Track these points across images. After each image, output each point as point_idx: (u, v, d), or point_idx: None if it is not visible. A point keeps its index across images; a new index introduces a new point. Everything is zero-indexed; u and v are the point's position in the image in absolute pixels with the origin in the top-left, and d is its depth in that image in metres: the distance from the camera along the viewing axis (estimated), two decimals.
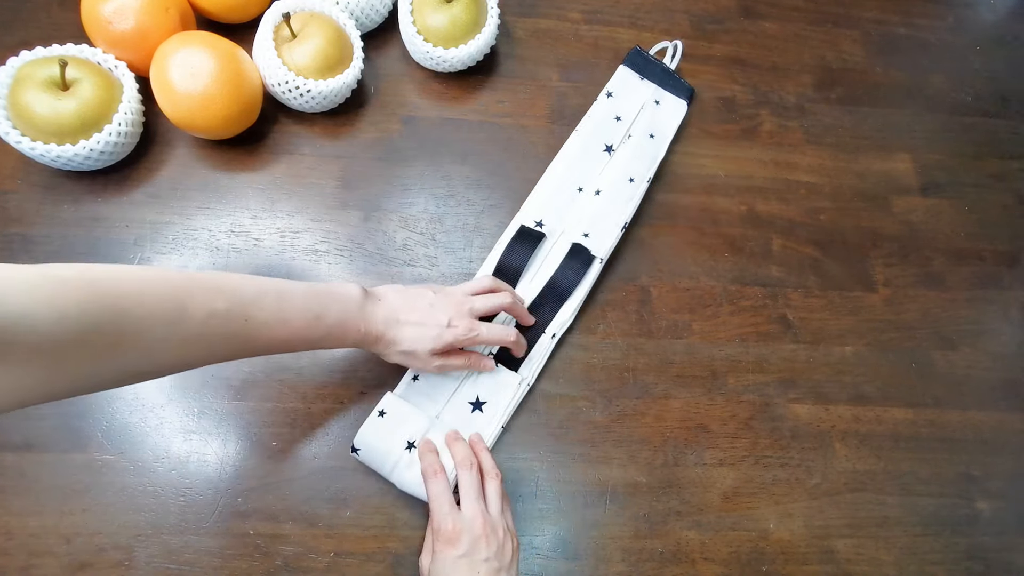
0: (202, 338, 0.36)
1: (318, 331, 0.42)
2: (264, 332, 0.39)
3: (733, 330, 0.59)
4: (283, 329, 0.40)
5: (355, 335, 0.44)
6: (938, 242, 0.66)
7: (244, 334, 0.38)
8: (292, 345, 0.42)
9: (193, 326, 0.35)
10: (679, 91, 0.66)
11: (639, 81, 0.66)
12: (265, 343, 0.40)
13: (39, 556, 0.45)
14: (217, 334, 0.37)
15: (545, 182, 0.60)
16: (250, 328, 0.38)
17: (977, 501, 0.56)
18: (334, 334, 0.43)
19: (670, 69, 0.66)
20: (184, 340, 0.35)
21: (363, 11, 0.61)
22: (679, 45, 0.67)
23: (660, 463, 0.54)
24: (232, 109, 0.54)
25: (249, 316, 0.38)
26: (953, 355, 0.61)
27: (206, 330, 0.36)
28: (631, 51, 0.66)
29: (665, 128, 0.64)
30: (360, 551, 0.48)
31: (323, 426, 0.51)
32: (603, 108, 0.64)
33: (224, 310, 0.37)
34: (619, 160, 0.61)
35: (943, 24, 0.78)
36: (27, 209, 0.54)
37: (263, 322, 0.39)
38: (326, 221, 0.57)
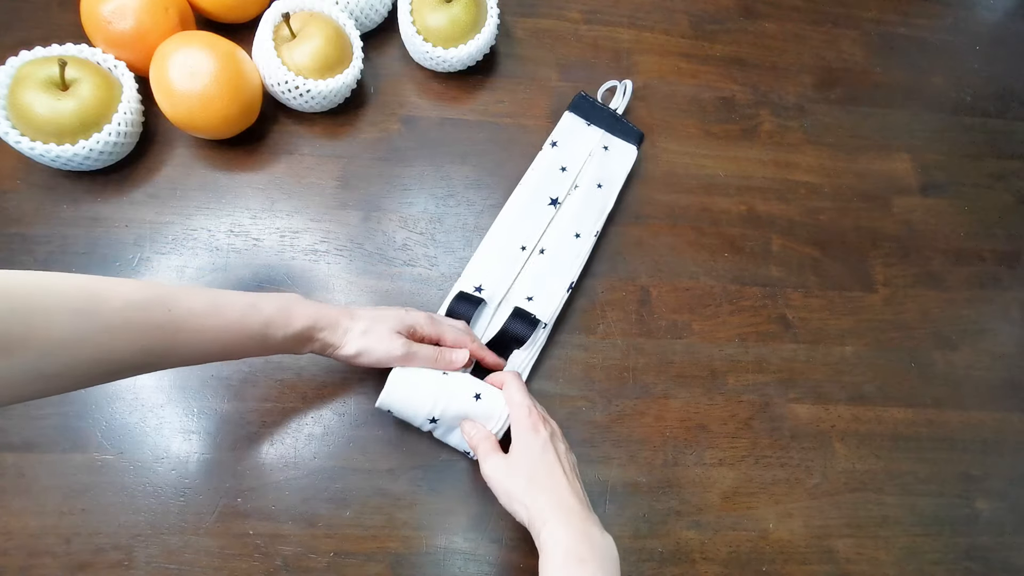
0: (120, 331, 0.33)
1: (256, 318, 0.39)
2: (193, 322, 0.37)
3: (733, 330, 0.59)
4: (215, 319, 0.38)
5: (302, 319, 0.42)
6: (938, 242, 0.66)
7: (170, 325, 0.36)
8: (230, 338, 0.39)
9: (108, 316, 0.33)
10: (628, 136, 0.62)
11: (586, 127, 0.62)
12: (196, 335, 0.37)
13: (39, 556, 0.45)
14: (137, 325, 0.34)
15: (487, 243, 0.57)
16: (176, 318, 0.36)
17: (976, 501, 0.56)
18: (276, 322, 0.40)
19: (618, 114, 0.63)
20: (100, 332, 0.33)
21: (363, 11, 0.61)
22: (628, 85, 0.63)
23: (660, 463, 0.54)
24: (232, 109, 0.54)
25: (173, 305, 0.36)
26: (953, 355, 0.61)
27: (123, 321, 0.33)
28: (576, 96, 0.63)
29: (614, 176, 0.60)
30: (360, 551, 0.48)
31: (323, 426, 0.51)
32: (548, 158, 0.60)
33: (144, 299, 0.35)
34: (565, 214, 0.58)
35: (943, 24, 0.78)
36: (27, 209, 0.54)
37: (190, 310, 0.37)
38: (326, 221, 0.57)
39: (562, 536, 0.38)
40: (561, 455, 0.43)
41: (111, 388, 0.50)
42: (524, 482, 0.41)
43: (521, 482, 0.41)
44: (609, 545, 0.39)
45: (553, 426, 0.46)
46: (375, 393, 0.52)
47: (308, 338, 0.43)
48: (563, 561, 0.37)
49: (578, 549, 0.38)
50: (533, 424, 0.44)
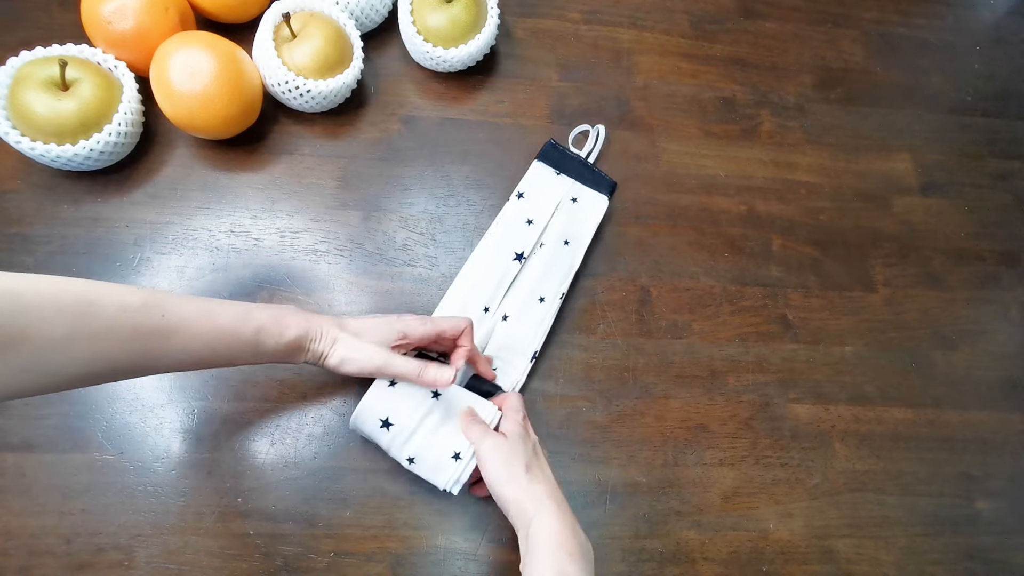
0: (113, 332, 0.34)
1: (249, 325, 0.40)
2: (187, 327, 0.37)
3: (733, 330, 0.59)
4: (209, 324, 0.38)
5: (295, 327, 0.42)
6: (938, 242, 0.66)
7: (164, 329, 0.36)
8: (223, 344, 0.39)
9: (102, 319, 0.33)
10: (600, 186, 0.60)
11: (555, 177, 0.59)
12: (189, 340, 0.38)
13: (39, 556, 0.45)
14: (130, 328, 0.35)
15: (449, 299, 0.54)
16: (170, 322, 0.36)
17: (977, 501, 0.56)
18: (269, 330, 0.41)
19: (589, 163, 0.61)
20: (94, 335, 0.33)
21: (363, 11, 0.61)
22: (601, 130, 0.62)
23: (660, 463, 0.54)
24: (232, 109, 0.54)
25: (167, 310, 0.36)
26: (953, 355, 0.61)
27: (117, 323, 0.34)
28: (545, 145, 0.61)
29: (582, 232, 0.58)
30: (360, 551, 0.48)
31: (323, 426, 0.51)
32: (513, 211, 0.58)
33: (138, 302, 0.35)
34: (530, 273, 0.55)
35: (943, 24, 0.78)
36: (27, 209, 0.54)
37: (184, 315, 0.37)
38: (326, 221, 0.57)
39: (556, 527, 0.40)
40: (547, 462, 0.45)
41: (111, 388, 0.50)
42: (523, 467, 0.42)
43: (521, 467, 0.42)
44: (590, 548, 0.41)
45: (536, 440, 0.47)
46: None
47: (300, 347, 0.43)
48: (553, 552, 0.39)
49: (568, 543, 0.39)
50: (525, 427, 0.46)
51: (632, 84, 0.68)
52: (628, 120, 0.66)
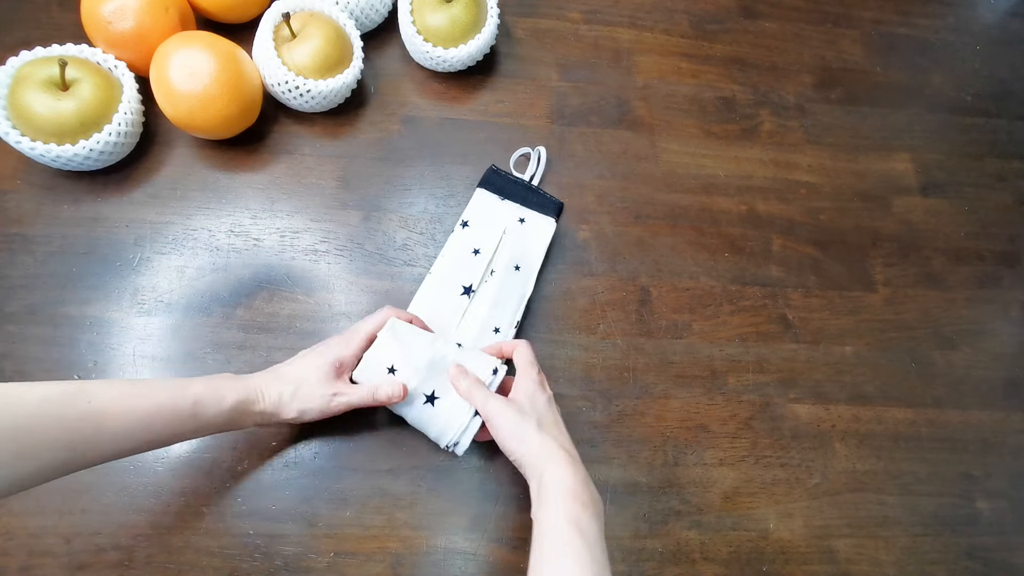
0: (37, 427, 0.33)
1: (186, 398, 0.39)
2: (117, 408, 0.36)
3: (733, 330, 0.59)
4: (142, 402, 0.37)
5: (232, 395, 0.41)
6: (938, 242, 0.66)
7: (92, 416, 0.35)
8: (160, 422, 0.38)
9: (24, 413, 0.32)
10: (546, 208, 0.59)
11: (499, 203, 0.58)
12: (121, 422, 0.36)
13: (39, 556, 0.45)
14: (54, 419, 0.33)
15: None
16: (97, 408, 0.35)
17: (977, 501, 0.56)
18: (206, 400, 0.40)
19: (533, 185, 0.60)
20: (16, 429, 0.32)
21: (363, 11, 0.61)
22: (542, 152, 0.61)
23: (660, 463, 0.54)
24: (232, 109, 0.54)
25: (93, 396, 0.35)
26: (953, 355, 0.61)
27: (39, 416, 0.33)
28: (487, 171, 0.59)
29: (531, 256, 0.56)
30: (360, 551, 0.48)
31: (323, 426, 0.51)
32: (459, 242, 0.56)
33: (59, 393, 0.34)
34: (482, 303, 0.53)
35: (943, 24, 0.78)
36: (27, 209, 0.54)
37: (112, 397, 0.36)
38: (326, 221, 0.57)
39: (567, 476, 0.40)
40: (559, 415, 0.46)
41: None
42: (535, 424, 0.43)
43: (532, 424, 0.43)
44: (600, 501, 0.41)
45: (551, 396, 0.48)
46: None
47: (243, 412, 0.42)
48: (564, 499, 0.39)
49: (580, 492, 0.40)
50: (541, 382, 0.46)
51: (632, 84, 0.68)
52: (628, 120, 0.66)
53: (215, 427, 0.42)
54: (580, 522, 0.38)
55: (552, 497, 0.39)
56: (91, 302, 0.52)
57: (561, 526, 0.38)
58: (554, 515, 0.39)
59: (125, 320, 0.52)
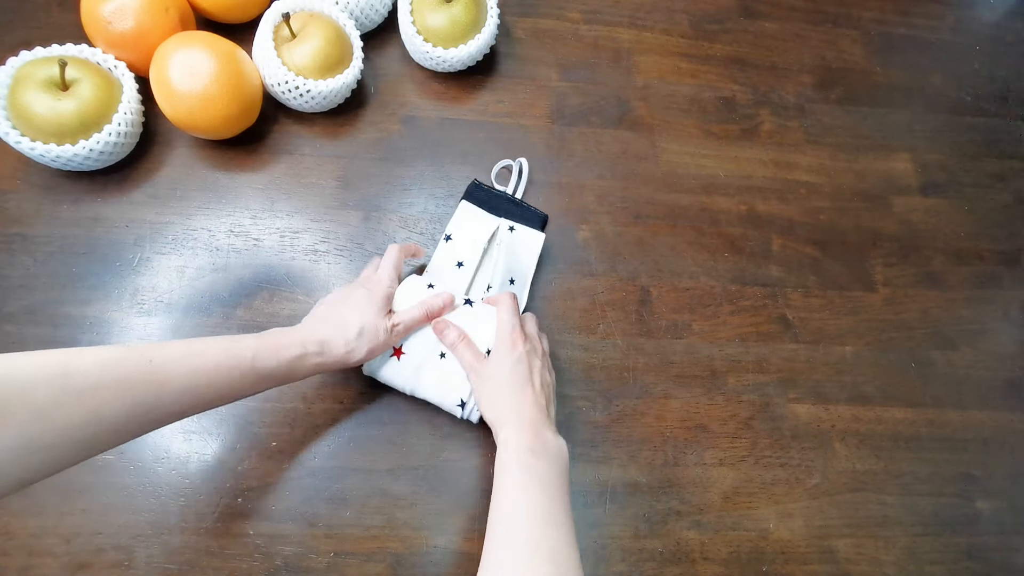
0: (101, 388, 0.33)
1: (245, 353, 0.39)
2: (177, 368, 0.36)
3: (733, 330, 0.59)
4: (199, 360, 0.37)
5: (290, 347, 0.42)
6: (938, 242, 0.66)
7: (153, 375, 0.35)
8: (224, 380, 0.39)
9: (85, 375, 0.33)
10: (531, 221, 0.58)
11: (484, 215, 0.57)
12: (183, 381, 0.37)
13: (39, 556, 0.45)
14: (118, 380, 0.34)
15: None
16: (157, 367, 0.35)
17: (977, 501, 0.56)
18: (264, 355, 0.40)
19: (516, 199, 0.59)
20: (80, 392, 0.32)
21: (363, 11, 0.61)
22: (524, 164, 0.60)
23: (660, 463, 0.54)
24: (232, 109, 0.54)
25: (152, 356, 0.36)
26: (953, 355, 0.61)
27: (103, 378, 0.33)
28: (469, 185, 0.58)
29: (524, 267, 0.56)
30: (360, 551, 0.48)
31: (323, 426, 0.51)
32: (442, 255, 0.55)
33: (119, 355, 0.34)
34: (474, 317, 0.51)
35: (943, 24, 0.78)
36: (27, 209, 0.54)
37: (172, 358, 0.36)
38: (326, 221, 0.57)
39: (514, 434, 0.43)
40: (534, 370, 0.47)
41: None
42: (494, 389, 0.46)
43: (491, 387, 0.46)
44: (561, 445, 0.44)
45: (536, 345, 0.49)
46: (375, 394, 0.52)
47: (304, 364, 0.43)
48: (515, 452, 0.42)
49: (531, 444, 0.42)
50: (513, 340, 0.47)
51: (632, 84, 0.68)
52: (628, 120, 0.66)
53: (275, 380, 0.42)
54: (532, 467, 0.41)
55: (502, 453, 0.42)
56: (91, 302, 0.52)
57: (513, 474, 0.41)
58: (506, 465, 0.42)
59: (125, 320, 0.52)
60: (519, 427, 0.43)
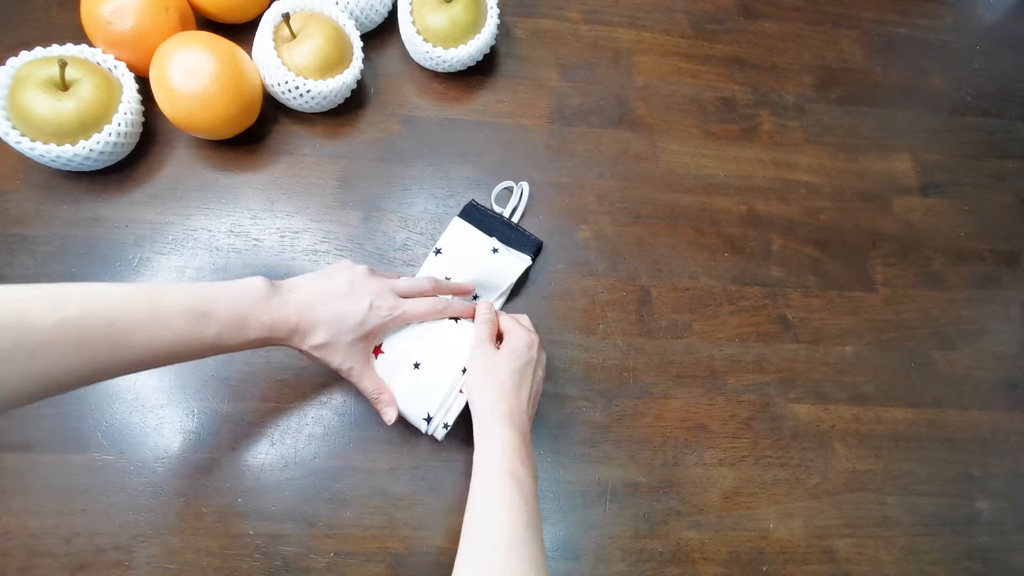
0: (56, 347, 0.32)
1: (208, 331, 0.38)
2: (138, 337, 0.36)
3: (733, 330, 0.59)
4: (162, 332, 0.37)
5: (258, 329, 0.40)
6: (938, 242, 0.66)
7: (111, 341, 0.35)
8: (183, 350, 0.38)
9: (40, 332, 0.32)
10: (523, 246, 0.57)
11: (476, 235, 0.57)
12: (145, 350, 0.36)
13: (39, 556, 0.45)
14: (73, 342, 0.33)
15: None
16: (117, 333, 0.35)
17: (977, 501, 0.56)
18: (229, 333, 0.39)
19: (512, 222, 0.58)
20: (32, 348, 0.32)
21: (363, 11, 0.61)
22: (525, 188, 0.59)
23: (660, 463, 0.54)
24: (232, 109, 0.54)
25: (113, 320, 0.35)
26: (953, 355, 0.61)
27: (59, 337, 0.33)
28: (466, 204, 0.58)
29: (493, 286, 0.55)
30: (360, 551, 0.48)
31: (323, 426, 0.51)
32: (431, 269, 0.55)
33: (77, 316, 0.33)
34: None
35: (943, 24, 0.78)
36: (27, 209, 0.54)
37: (133, 325, 0.36)
38: (326, 221, 0.57)
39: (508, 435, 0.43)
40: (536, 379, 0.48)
41: (111, 388, 0.50)
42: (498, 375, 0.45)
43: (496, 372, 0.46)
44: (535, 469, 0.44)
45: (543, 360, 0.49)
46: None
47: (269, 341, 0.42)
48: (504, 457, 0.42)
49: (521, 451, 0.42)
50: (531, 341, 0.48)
51: (632, 84, 0.68)
52: (628, 120, 0.66)
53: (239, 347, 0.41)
54: (518, 474, 0.41)
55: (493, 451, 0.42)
56: None
57: (499, 474, 0.41)
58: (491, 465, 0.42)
59: None
60: (513, 429, 0.43)
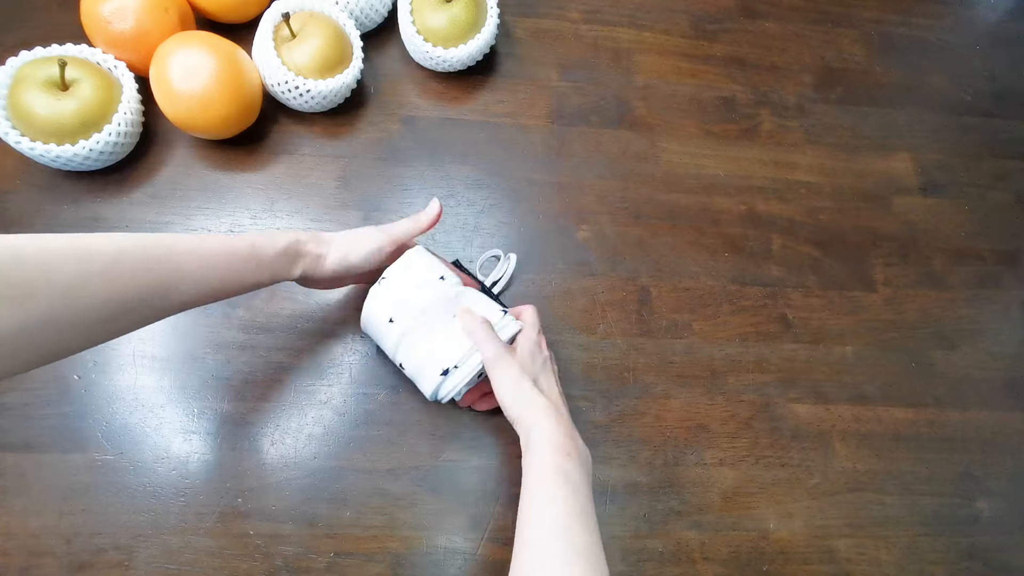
0: (120, 266, 0.35)
1: (242, 243, 0.42)
2: (189, 252, 0.39)
3: (733, 330, 0.59)
4: (205, 247, 0.40)
5: (285, 237, 0.44)
6: (938, 242, 0.66)
7: (168, 257, 0.38)
8: (225, 265, 0.41)
9: (106, 256, 0.35)
10: None
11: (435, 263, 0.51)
12: (194, 263, 0.39)
13: (39, 556, 0.45)
14: (136, 260, 0.36)
15: None
16: (171, 249, 0.38)
17: (977, 501, 0.56)
18: (261, 242, 0.43)
19: (492, 292, 0.55)
20: (100, 273, 0.34)
21: (363, 11, 0.61)
22: (512, 259, 0.56)
23: (660, 463, 0.54)
24: (232, 109, 0.54)
25: (162, 242, 0.38)
26: (953, 355, 0.61)
27: (122, 257, 0.35)
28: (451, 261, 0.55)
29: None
30: (360, 551, 0.48)
31: (323, 426, 0.51)
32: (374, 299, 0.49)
33: (136, 240, 0.37)
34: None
35: (943, 24, 0.78)
36: (27, 209, 0.54)
37: (180, 242, 0.39)
38: (326, 221, 0.57)
39: (554, 430, 0.42)
40: (553, 376, 0.48)
41: (111, 388, 0.50)
42: (530, 381, 0.45)
43: (528, 380, 0.45)
44: (588, 454, 0.44)
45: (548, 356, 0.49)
46: (376, 393, 0.52)
47: (296, 252, 0.45)
48: (552, 451, 0.41)
49: (565, 444, 0.42)
50: (540, 342, 0.48)
51: (632, 84, 0.68)
52: (628, 120, 0.66)
53: (275, 269, 0.43)
54: (566, 470, 0.41)
55: (538, 450, 0.42)
56: None
57: (548, 474, 0.41)
58: (540, 464, 0.41)
59: None
60: (555, 424, 0.43)
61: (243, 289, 0.43)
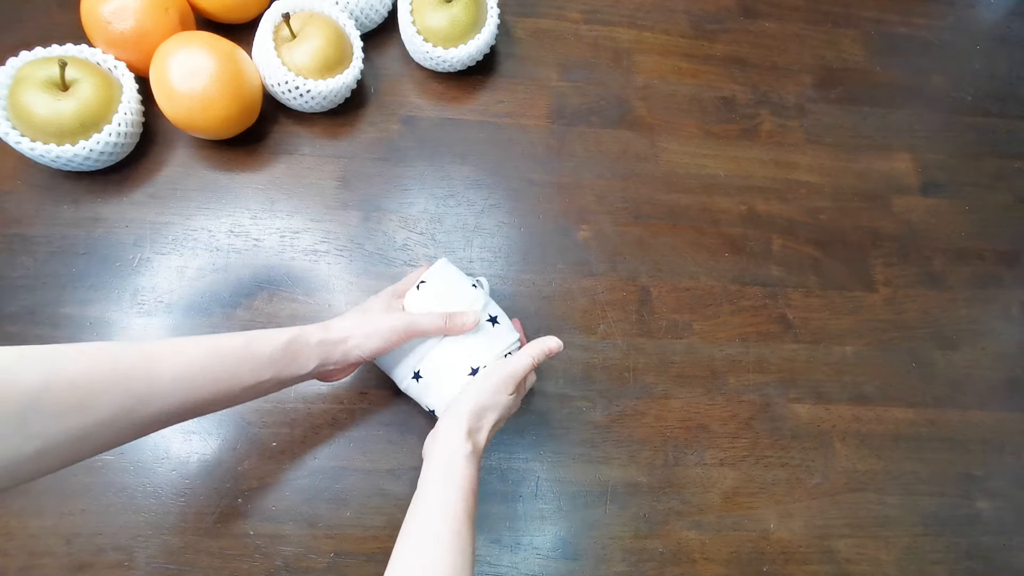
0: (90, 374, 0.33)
1: (236, 338, 0.39)
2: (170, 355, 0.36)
3: (733, 330, 0.59)
4: (193, 346, 0.37)
5: (286, 333, 0.41)
6: (938, 242, 0.66)
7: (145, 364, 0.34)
8: (215, 363, 0.37)
9: (73, 363, 0.32)
10: None
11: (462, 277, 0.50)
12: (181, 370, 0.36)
13: (39, 556, 0.45)
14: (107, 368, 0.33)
15: None
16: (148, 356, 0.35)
17: (978, 501, 0.56)
18: (258, 336, 0.40)
19: None
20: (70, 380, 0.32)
21: (363, 11, 0.61)
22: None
23: (660, 463, 0.54)
24: (232, 109, 0.54)
25: (142, 346, 0.36)
26: (953, 355, 0.61)
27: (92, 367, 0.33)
28: None
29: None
30: (360, 551, 0.48)
31: (323, 426, 0.51)
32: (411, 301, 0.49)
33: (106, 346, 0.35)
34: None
35: (943, 24, 0.78)
36: (27, 209, 0.54)
37: (163, 347, 0.36)
38: (326, 221, 0.57)
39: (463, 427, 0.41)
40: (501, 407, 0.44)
41: None
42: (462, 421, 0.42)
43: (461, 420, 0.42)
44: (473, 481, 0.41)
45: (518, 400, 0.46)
46: (375, 394, 0.52)
47: (302, 346, 0.41)
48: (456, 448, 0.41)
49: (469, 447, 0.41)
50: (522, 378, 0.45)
51: (632, 84, 0.68)
52: (628, 120, 0.66)
53: (275, 369, 0.40)
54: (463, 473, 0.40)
55: (450, 445, 0.41)
56: (91, 303, 0.52)
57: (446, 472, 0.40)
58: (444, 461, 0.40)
59: (125, 321, 0.52)
60: (472, 424, 0.42)
61: (239, 394, 0.39)
